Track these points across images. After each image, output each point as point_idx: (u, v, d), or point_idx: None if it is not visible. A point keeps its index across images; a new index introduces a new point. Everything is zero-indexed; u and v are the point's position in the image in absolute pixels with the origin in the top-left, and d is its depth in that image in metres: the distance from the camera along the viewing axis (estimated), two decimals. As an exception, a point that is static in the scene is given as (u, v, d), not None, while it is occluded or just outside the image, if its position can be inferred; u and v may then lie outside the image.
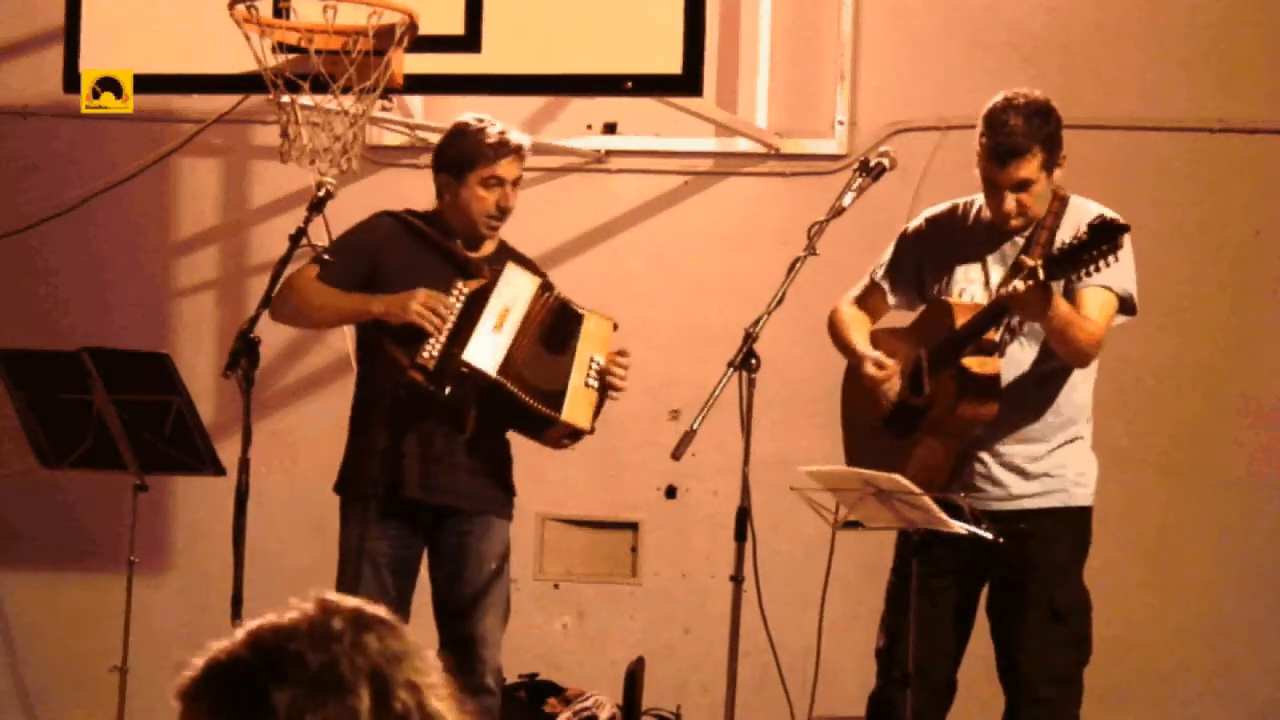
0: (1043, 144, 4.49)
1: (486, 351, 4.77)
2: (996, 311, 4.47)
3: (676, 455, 4.36)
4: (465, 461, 4.90)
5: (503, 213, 4.95)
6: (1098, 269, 4.22)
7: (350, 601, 1.74)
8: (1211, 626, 5.90)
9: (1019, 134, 4.47)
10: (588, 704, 5.90)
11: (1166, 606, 5.94)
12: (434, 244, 4.94)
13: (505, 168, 4.91)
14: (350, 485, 4.98)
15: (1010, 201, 4.52)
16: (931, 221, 4.78)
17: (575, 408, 4.86)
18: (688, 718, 6.09)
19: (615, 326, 5.00)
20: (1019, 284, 4.27)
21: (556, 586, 6.39)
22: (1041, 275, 4.26)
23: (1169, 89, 5.93)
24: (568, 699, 5.94)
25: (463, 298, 4.81)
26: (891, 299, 4.80)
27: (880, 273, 4.81)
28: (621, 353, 4.97)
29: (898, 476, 4.31)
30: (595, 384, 4.90)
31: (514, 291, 4.84)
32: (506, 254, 5.06)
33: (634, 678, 5.68)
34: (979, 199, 4.70)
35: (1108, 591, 5.90)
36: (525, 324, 4.83)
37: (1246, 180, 5.91)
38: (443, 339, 4.77)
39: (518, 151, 4.94)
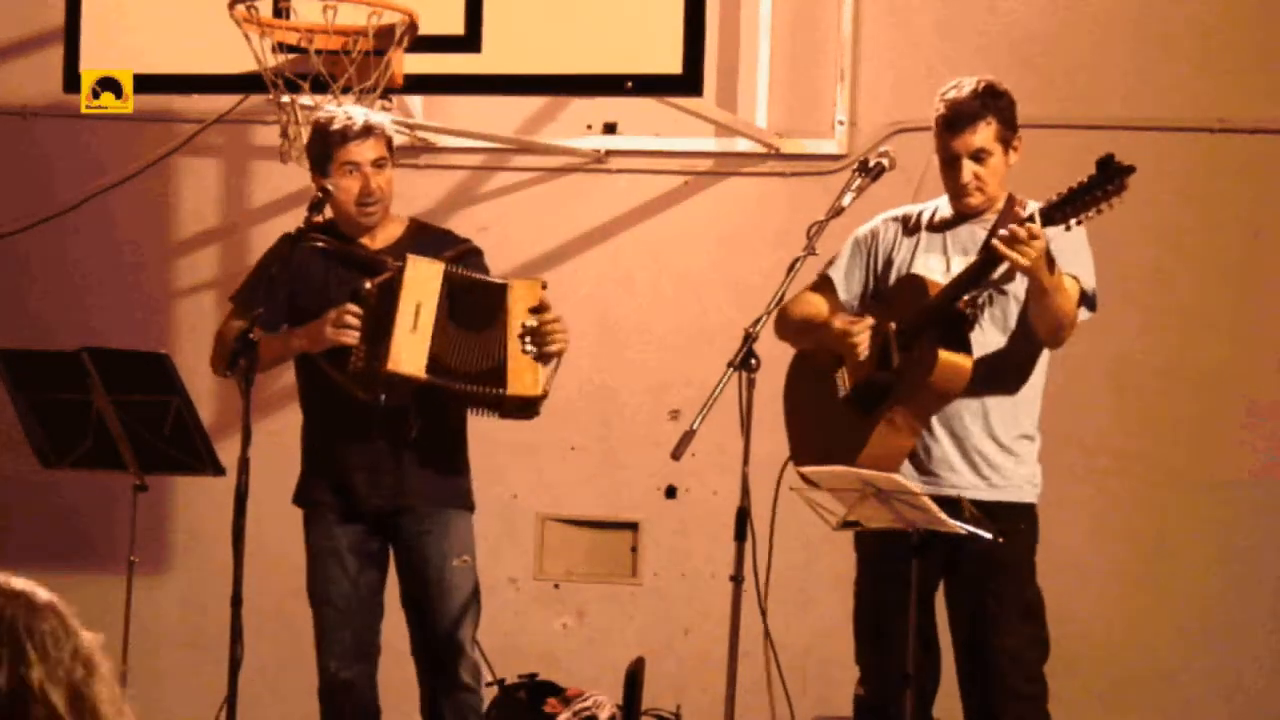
0: (996, 115, 4.53)
1: (407, 355, 4.67)
2: (982, 267, 4.42)
3: (676, 455, 4.35)
4: (413, 462, 4.84)
5: (368, 196, 4.80)
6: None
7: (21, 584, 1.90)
8: (1211, 626, 5.90)
9: (972, 102, 4.53)
10: (588, 704, 5.89)
11: (1166, 606, 5.94)
12: (335, 252, 4.87)
13: (356, 150, 4.76)
14: (304, 499, 4.99)
15: (968, 172, 4.54)
16: (886, 222, 4.76)
17: (519, 378, 4.72)
18: (688, 718, 6.09)
19: (544, 285, 4.80)
20: (1014, 228, 4.26)
21: (556, 586, 6.39)
22: (1039, 220, 4.26)
23: (1169, 89, 5.93)
24: (568, 699, 5.94)
25: (372, 298, 4.71)
26: (844, 294, 4.73)
27: (831, 269, 4.77)
28: (542, 306, 4.73)
29: (897, 476, 4.30)
30: (533, 349, 4.72)
31: (421, 284, 4.70)
32: (418, 233, 4.96)
33: (634, 678, 5.68)
34: (935, 203, 4.70)
35: (1108, 591, 5.92)
36: (440, 314, 4.70)
37: (1246, 180, 5.91)
38: (364, 347, 4.70)
39: (366, 132, 4.77)
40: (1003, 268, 4.41)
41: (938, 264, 4.61)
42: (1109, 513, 5.94)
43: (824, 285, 4.78)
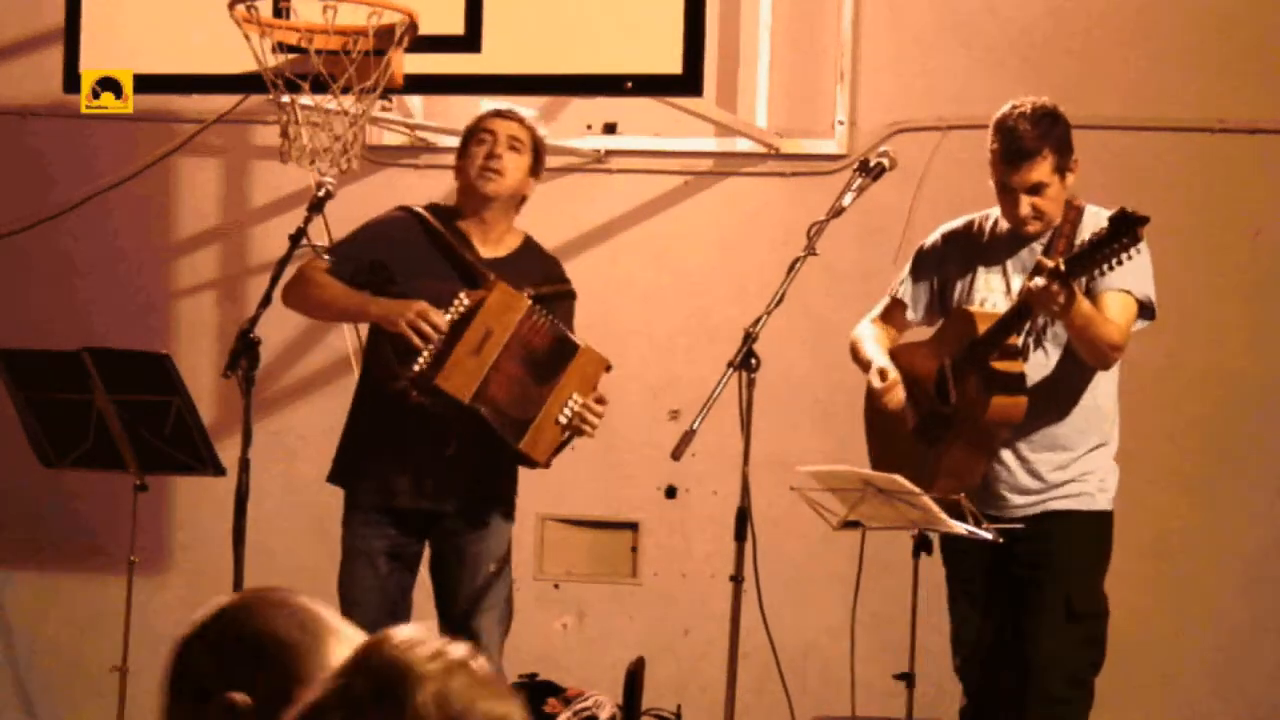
0: (1053, 146, 4.53)
1: (461, 376, 4.71)
2: (1020, 312, 4.47)
3: (676, 455, 4.36)
4: (458, 465, 4.87)
5: (490, 160, 4.91)
6: (1120, 262, 4.24)
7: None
8: (1211, 626, 5.90)
9: (1028, 137, 4.52)
10: (588, 704, 5.89)
11: (1166, 606, 5.94)
12: (446, 246, 4.92)
13: (491, 123, 4.94)
14: (344, 478, 4.98)
15: (1025, 206, 4.55)
16: (948, 236, 4.79)
17: (535, 441, 4.80)
18: (688, 718, 6.09)
19: (609, 368, 4.90)
20: (1040, 280, 4.29)
21: (556, 586, 6.39)
22: (1064, 271, 4.28)
23: (1169, 89, 5.93)
24: (568, 699, 5.94)
25: (460, 311, 4.76)
26: (912, 315, 4.80)
27: (900, 289, 4.82)
28: (600, 399, 4.86)
29: (897, 476, 4.31)
30: (564, 422, 4.82)
31: (500, 312, 4.76)
32: (528, 252, 5.03)
33: (634, 678, 5.68)
34: (993, 212, 4.71)
35: (1108, 591, 5.92)
36: (509, 347, 4.75)
37: (1246, 180, 5.91)
38: (428, 353, 4.73)
39: (503, 113, 4.96)
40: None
41: (999, 283, 4.65)
42: (1109, 513, 5.93)
43: (893, 308, 4.84)
